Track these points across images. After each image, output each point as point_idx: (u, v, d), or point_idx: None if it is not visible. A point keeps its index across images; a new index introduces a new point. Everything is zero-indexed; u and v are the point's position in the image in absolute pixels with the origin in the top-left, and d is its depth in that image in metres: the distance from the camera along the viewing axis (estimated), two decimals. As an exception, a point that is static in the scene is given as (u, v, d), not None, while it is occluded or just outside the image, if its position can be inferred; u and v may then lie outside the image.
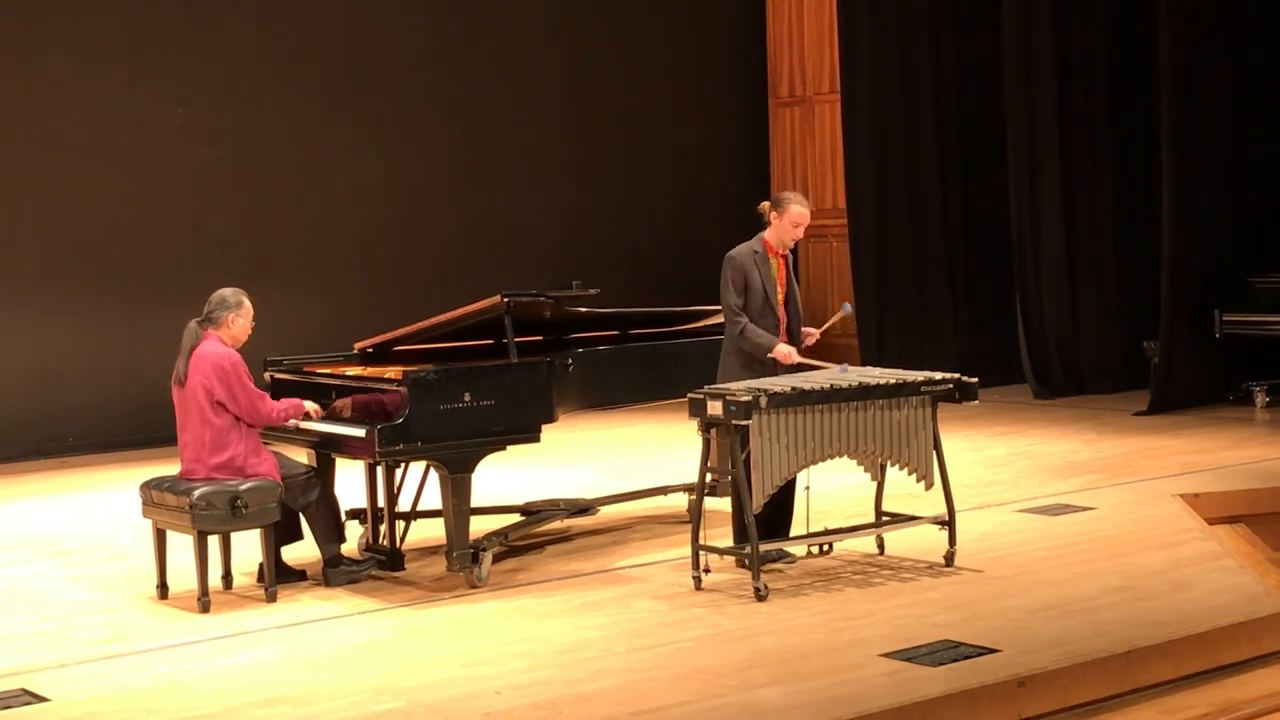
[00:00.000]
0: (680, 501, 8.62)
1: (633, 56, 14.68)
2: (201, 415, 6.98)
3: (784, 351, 7.30)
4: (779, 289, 7.44)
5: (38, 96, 11.83)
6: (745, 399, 6.67)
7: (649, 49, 14.77)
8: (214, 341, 7.07)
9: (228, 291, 7.17)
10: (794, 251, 7.63)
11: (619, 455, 10.97)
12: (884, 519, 7.55)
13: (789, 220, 7.41)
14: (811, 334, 7.53)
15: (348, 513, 7.71)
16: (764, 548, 6.93)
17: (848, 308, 7.75)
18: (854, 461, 7.24)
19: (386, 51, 13.33)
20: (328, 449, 7.44)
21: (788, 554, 7.41)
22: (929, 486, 7.21)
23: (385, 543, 7.65)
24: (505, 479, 9.37)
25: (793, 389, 6.83)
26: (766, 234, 7.47)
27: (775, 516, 7.18)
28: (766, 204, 7.52)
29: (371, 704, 5.49)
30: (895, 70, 14.01)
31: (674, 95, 14.88)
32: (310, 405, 7.25)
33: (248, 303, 7.17)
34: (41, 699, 5.67)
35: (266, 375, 7.82)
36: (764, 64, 15.47)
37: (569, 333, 8.29)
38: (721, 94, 15.29)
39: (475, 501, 7.22)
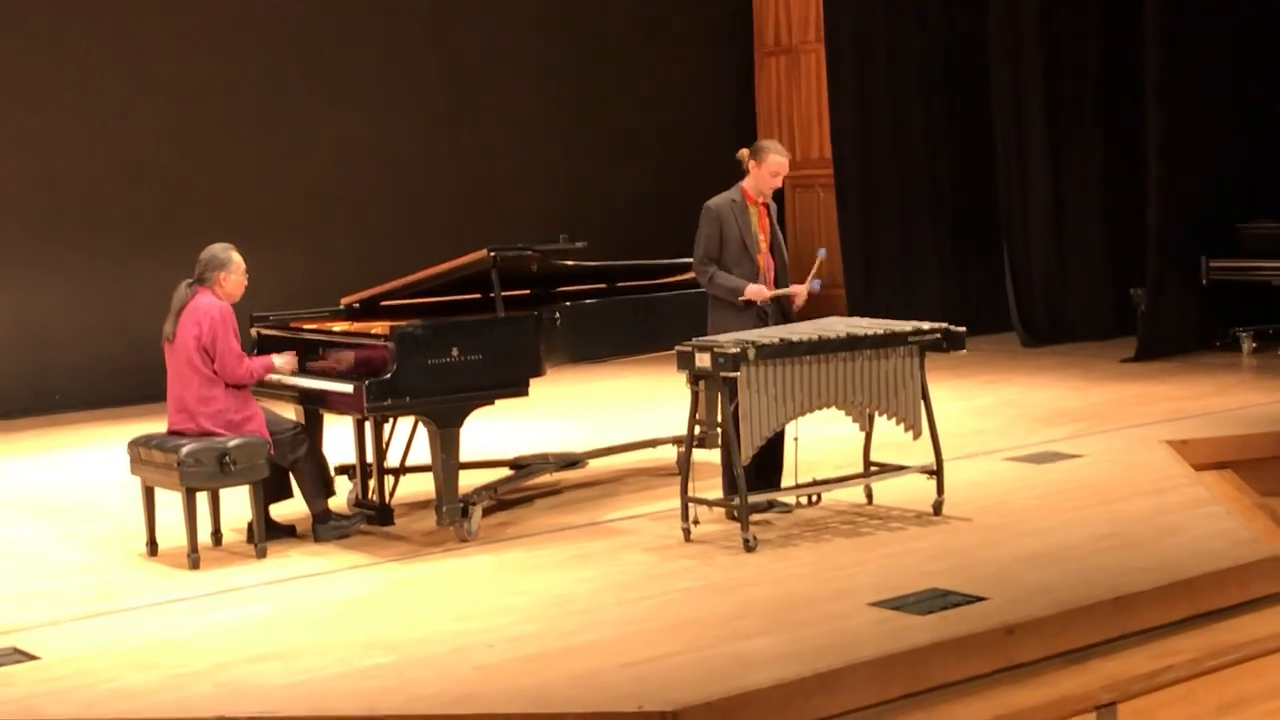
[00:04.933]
0: (669, 454, 8.62)
1: (618, 6, 14.59)
2: (190, 364, 6.97)
3: (754, 289, 7.28)
4: (760, 238, 7.42)
5: (19, 54, 11.73)
6: (733, 351, 6.66)
7: (634, -1, 14.71)
8: (206, 296, 7.05)
9: (217, 248, 7.14)
10: (779, 201, 7.60)
11: (607, 408, 10.97)
12: (872, 469, 7.56)
13: (767, 169, 7.38)
14: (799, 292, 7.49)
15: (336, 468, 7.70)
16: (753, 498, 6.94)
17: (822, 252, 7.65)
18: (842, 412, 7.24)
19: (371, 6, 13.23)
20: (316, 405, 7.43)
21: (780, 503, 7.42)
22: (917, 436, 7.22)
23: (374, 498, 7.65)
24: (494, 433, 9.37)
25: (780, 340, 6.82)
26: (745, 183, 7.45)
27: (765, 467, 7.18)
28: (745, 151, 7.48)
29: (362, 659, 5.50)
30: (880, 18, 13.94)
31: (659, 45, 14.80)
32: (279, 360, 7.22)
33: (237, 257, 7.14)
34: (32, 657, 5.68)
35: (254, 331, 7.80)
36: (749, 13, 15.39)
37: (556, 286, 8.27)
38: (707, 43, 15.21)
39: (464, 456, 7.23)
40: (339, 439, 7.98)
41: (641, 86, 14.69)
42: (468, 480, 7.46)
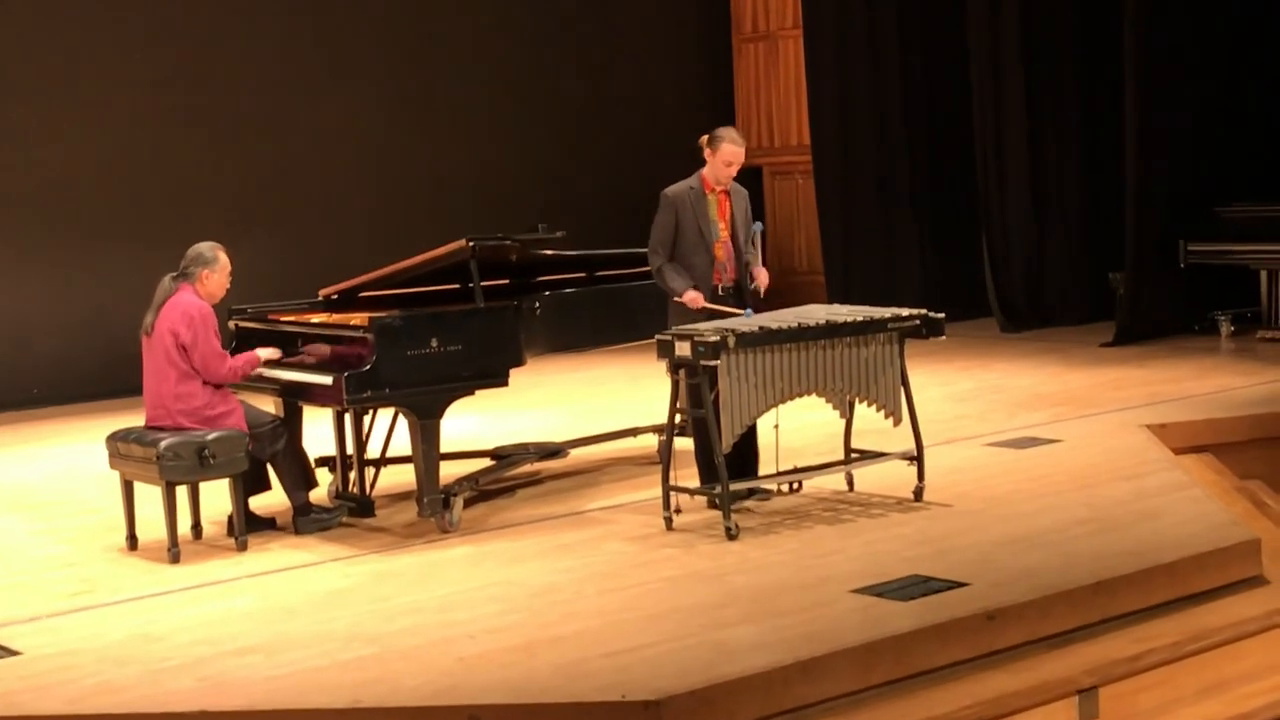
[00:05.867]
0: (650, 442, 8.62)
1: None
2: (168, 359, 6.94)
3: (690, 296, 7.25)
4: (719, 226, 7.39)
5: (-6, 45, 11.71)
6: (713, 339, 6.66)
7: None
8: (188, 293, 7.03)
9: (205, 247, 7.12)
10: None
11: (588, 398, 10.97)
12: (853, 456, 7.57)
13: (721, 158, 7.36)
14: (761, 274, 7.46)
15: (317, 460, 7.69)
16: (735, 486, 6.94)
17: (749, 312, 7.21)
18: (823, 399, 7.24)
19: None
20: (295, 397, 7.41)
21: (760, 490, 7.42)
22: (897, 423, 7.23)
23: (355, 490, 7.64)
24: (474, 424, 9.37)
25: (760, 328, 6.82)
26: (704, 170, 7.43)
27: (740, 456, 7.16)
28: (704, 139, 7.46)
29: (344, 651, 5.49)
30: (857, 4, 13.95)
31: (637, 32, 14.79)
32: (264, 353, 7.22)
33: (224, 258, 7.13)
34: (13, 653, 5.66)
35: (232, 324, 7.78)
36: None
37: (535, 276, 8.26)
38: (684, 30, 15.20)
39: (445, 447, 7.21)
40: (319, 431, 7.96)
41: (618, 73, 14.67)
42: (449, 471, 7.45)
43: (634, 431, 8.60)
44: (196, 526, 7.28)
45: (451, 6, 13.74)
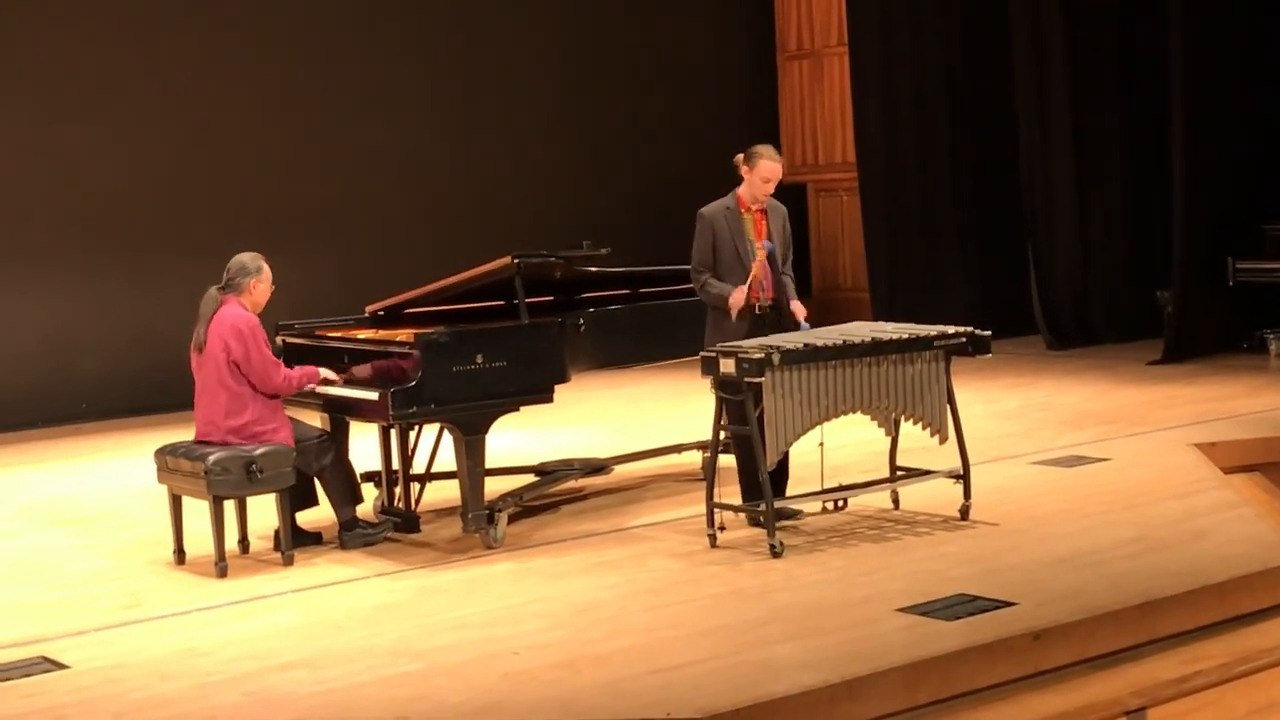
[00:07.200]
0: (694, 459, 8.61)
1: (640, 11, 14.62)
2: (219, 378, 6.99)
3: (733, 299, 7.22)
4: (755, 244, 7.38)
5: (44, 62, 11.80)
6: (758, 356, 6.65)
7: (656, 3, 14.70)
8: (234, 306, 7.08)
9: (246, 257, 7.16)
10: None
11: (631, 414, 10.97)
12: (898, 474, 7.54)
13: (758, 175, 7.34)
14: (799, 309, 7.41)
15: (363, 475, 7.71)
16: (779, 504, 6.92)
17: (768, 244, 7.33)
18: (868, 417, 7.22)
19: (392, 12, 13.29)
20: (342, 412, 7.45)
21: (790, 510, 7.38)
22: (943, 441, 7.20)
23: (400, 505, 7.66)
24: (519, 440, 9.38)
25: (805, 345, 6.81)
26: (740, 189, 7.42)
27: (774, 474, 7.13)
28: (740, 157, 7.43)
29: (389, 667, 5.50)
30: (903, 21, 13.93)
31: (682, 50, 14.80)
32: (326, 372, 7.26)
33: (267, 268, 7.18)
34: (61, 666, 5.70)
35: (279, 339, 7.82)
36: (771, 17, 15.39)
37: (580, 292, 8.28)
38: (729, 48, 15.21)
39: (489, 462, 7.23)
40: (365, 446, 7.99)
41: (663, 91, 14.69)
42: (493, 487, 7.46)
43: (678, 448, 8.60)
44: (243, 541, 7.31)
45: (496, 24, 13.79)
